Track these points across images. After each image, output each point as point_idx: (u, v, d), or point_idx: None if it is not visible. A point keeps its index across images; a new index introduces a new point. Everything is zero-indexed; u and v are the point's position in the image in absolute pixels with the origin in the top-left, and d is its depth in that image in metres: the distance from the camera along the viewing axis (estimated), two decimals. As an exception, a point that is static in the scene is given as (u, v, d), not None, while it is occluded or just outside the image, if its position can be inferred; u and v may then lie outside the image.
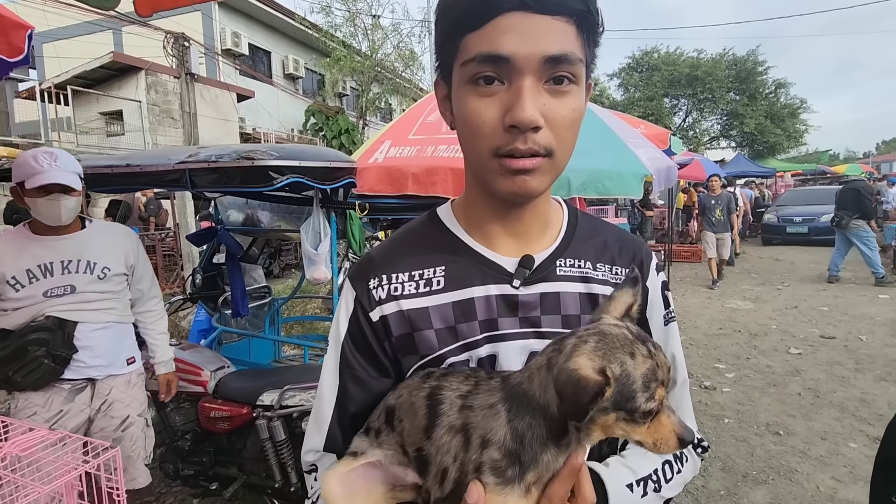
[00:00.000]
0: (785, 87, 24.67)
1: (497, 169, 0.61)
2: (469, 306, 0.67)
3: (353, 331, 0.70)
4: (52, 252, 1.88)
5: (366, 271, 0.71)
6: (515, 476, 0.50)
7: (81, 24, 11.31)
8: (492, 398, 0.53)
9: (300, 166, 2.20)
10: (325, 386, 0.71)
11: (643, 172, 2.88)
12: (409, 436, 0.58)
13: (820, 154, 34.24)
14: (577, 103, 0.60)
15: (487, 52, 0.56)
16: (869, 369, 4.53)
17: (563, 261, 0.71)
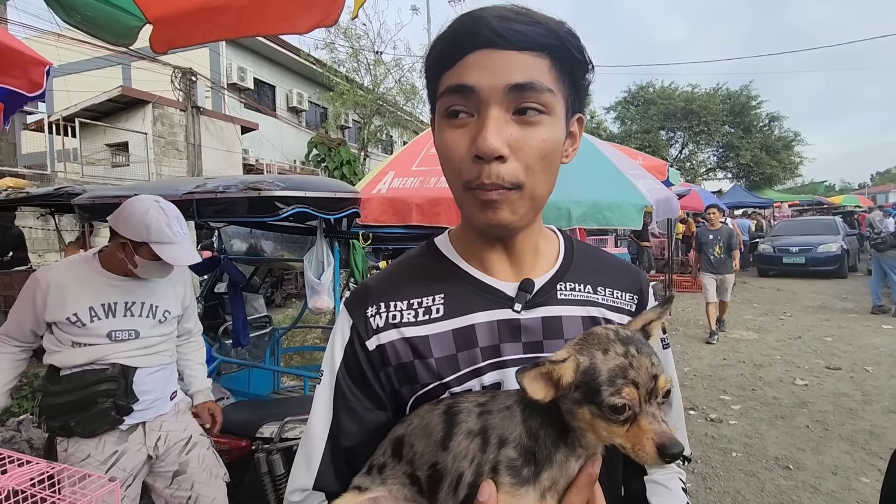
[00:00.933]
0: (778, 121, 25.20)
1: (471, 201, 0.62)
2: (470, 333, 0.65)
3: (348, 360, 0.67)
4: (117, 291, 1.78)
5: (363, 299, 0.70)
6: (530, 476, 0.51)
7: (92, 59, 11.63)
8: (509, 401, 0.55)
9: (305, 196, 2.23)
10: (316, 419, 0.67)
11: (643, 203, 2.92)
12: (421, 457, 0.57)
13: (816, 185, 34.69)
14: (548, 134, 0.60)
15: (455, 84, 0.59)
16: (877, 401, 4.46)
17: (563, 284, 0.70)
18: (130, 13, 1.93)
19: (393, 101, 16.65)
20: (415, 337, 0.65)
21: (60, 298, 1.70)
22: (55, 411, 1.69)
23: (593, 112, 26.11)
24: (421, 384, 0.65)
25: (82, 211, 2.41)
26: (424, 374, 0.64)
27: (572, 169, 3.00)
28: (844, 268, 12.34)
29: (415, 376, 0.65)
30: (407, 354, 0.65)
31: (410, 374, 0.65)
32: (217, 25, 1.96)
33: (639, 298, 0.75)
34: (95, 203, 2.36)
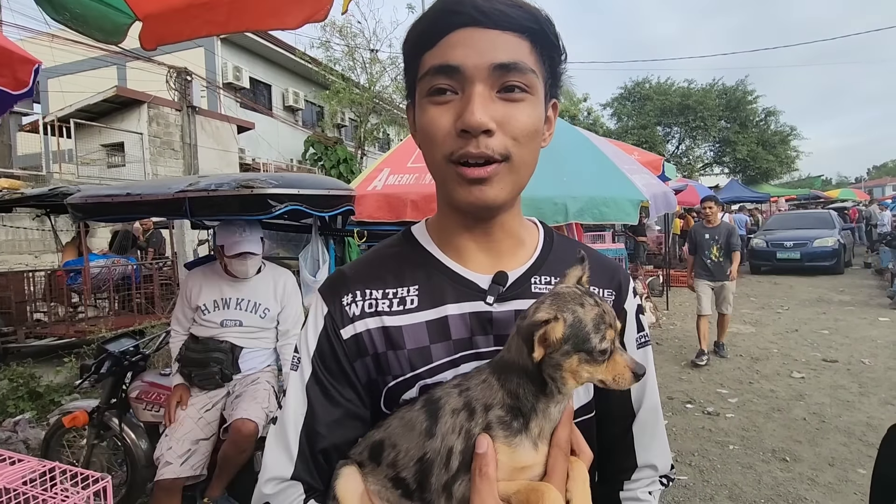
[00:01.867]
0: (775, 115, 25.23)
1: (454, 177, 0.61)
2: (443, 325, 0.65)
3: (322, 348, 0.66)
4: (232, 290, 2.42)
5: (338, 286, 0.69)
6: (521, 427, 0.55)
7: (87, 59, 11.57)
8: (483, 375, 0.58)
9: (299, 194, 2.22)
10: (290, 407, 0.65)
11: (639, 198, 2.92)
12: (406, 454, 0.57)
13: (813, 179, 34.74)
14: (531, 111, 0.61)
15: (439, 64, 0.59)
16: (874, 393, 4.48)
17: (538, 278, 0.69)
18: (120, 10, 1.91)
19: (389, 99, 16.62)
20: (389, 327, 0.65)
21: (197, 293, 2.42)
22: (187, 362, 2.37)
23: (590, 108, 26.12)
24: (393, 375, 0.64)
25: (75, 210, 2.40)
26: (397, 366, 0.64)
27: (569, 164, 3.00)
28: (841, 263, 11.85)
29: (387, 367, 0.65)
30: (381, 344, 0.65)
31: (384, 365, 0.65)
32: (206, 21, 1.95)
33: (615, 294, 0.74)
34: (88, 202, 2.35)
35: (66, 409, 2.75)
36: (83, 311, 6.19)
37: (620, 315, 0.74)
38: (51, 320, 6.08)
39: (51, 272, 6.30)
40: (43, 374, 4.44)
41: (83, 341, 5.23)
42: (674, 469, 0.77)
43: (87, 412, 2.56)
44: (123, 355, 2.56)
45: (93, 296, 6.33)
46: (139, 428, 2.59)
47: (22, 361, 4.79)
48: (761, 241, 12.74)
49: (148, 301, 6.52)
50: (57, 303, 6.18)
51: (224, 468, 2.27)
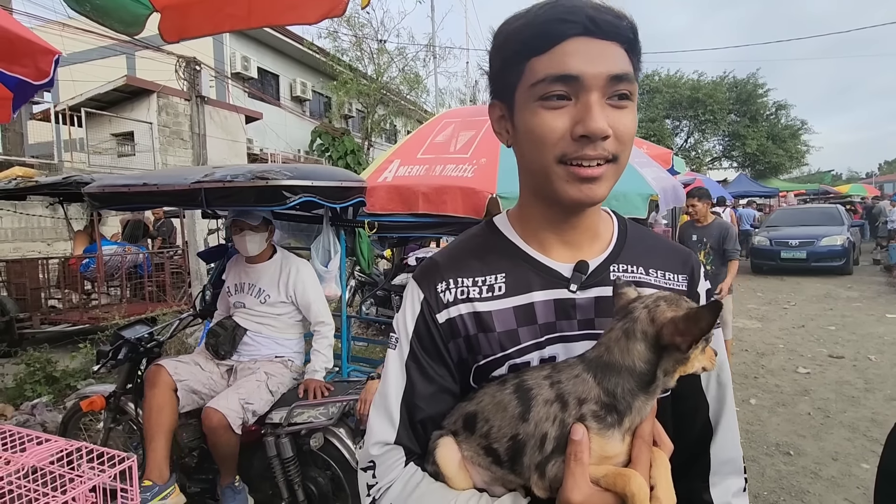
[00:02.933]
0: (785, 109, 24.94)
1: (563, 175, 0.65)
2: (529, 310, 0.71)
3: (420, 330, 0.72)
4: (244, 275, 2.59)
5: (432, 274, 0.74)
6: (615, 422, 0.59)
7: (97, 48, 11.60)
8: (575, 371, 0.62)
9: (312, 186, 2.25)
10: (391, 381, 0.72)
11: (648, 192, 2.93)
12: (499, 430, 0.63)
13: (823, 174, 34.35)
14: (634, 116, 0.66)
15: (558, 73, 0.62)
16: (879, 389, 4.48)
17: (616, 266, 0.75)
18: (139, 1, 1.94)
19: (396, 90, 16.57)
20: (481, 312, 0.71)
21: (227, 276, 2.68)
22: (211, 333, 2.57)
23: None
24: (483, 355, 0.70)
25: (92, 199, 2.44)
26: (487, 346, 0.70)
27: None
28: (850, 263, 11.00)
29: (478, 347, 0.70)
30: (473, 327, 0.71)
31: (475, 345, 0.71)
32: (228, 16, 1.97)
33: (689, 279, 0.79)
34: (105, 191, 2.40)
35: (84, 394, 2.82)
36: (96, 298, 6.29)
37: (695, 298, 0.79)
38: (65, 307, 6.19)
39: (64, 260, 6.39)
40: (58, 360, 4.53)
41: (97, 328, 5.32)
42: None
43: (104, 397, 2.62)
44: (139, 342, 2.61)
45: (105, 283, 6.42)
46: (155, 412, 2.64)
47: (38, 347, 4.89)
48: (764, 238, 11.74)
49: (159, 289, 6.60)
50: (71, 290, 6.28)
51: (214, 455, 2.32)
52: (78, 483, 1.41)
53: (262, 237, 2.50)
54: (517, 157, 0.72)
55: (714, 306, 0.56)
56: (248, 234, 2.46)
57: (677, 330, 0.57)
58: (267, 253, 2.59)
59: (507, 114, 0.70)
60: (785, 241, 11.25)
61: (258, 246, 2.50)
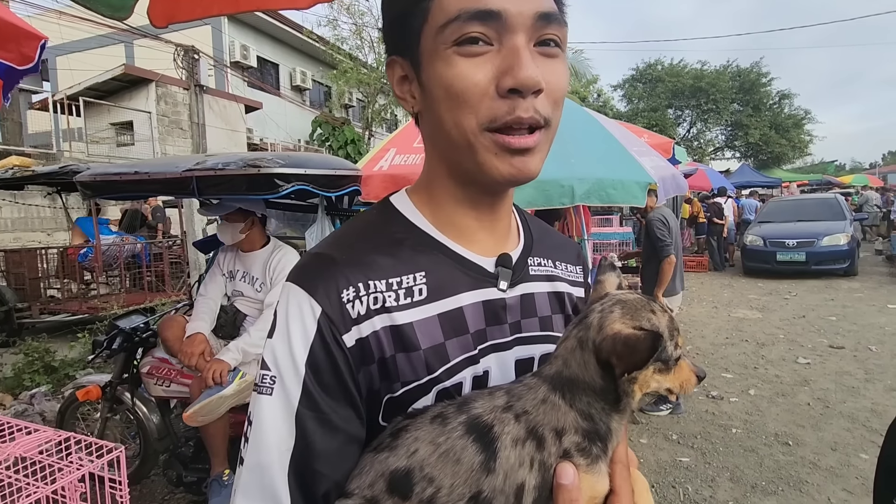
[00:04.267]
0: (789, 98, 24.73)
1: (490, 147, 0.52)
2: (459, 317, 0.56)
3: (318, 361, 0.50)
4: (239, 263, 2.60)
5: (329, 276, 0.53)
6: (601, 452, 0.50)
7: (95, 37, 11.53)
8: (539, 394, 0.50)
9: (306, 174, 2.22)
10: (269, 442, 0.49)
11: (647, 181, 2.89)
12: (451, 491, 0.47)
13: (826, 164, 34.09)
14: (566, 69, 0.55)
15: (475, 8, 0.49)
16: (879, 379, 4.47)
17: (532, 259, 0.65)
18: (126, -15, 1.90)
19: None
20: (400, 325, 0.53)
21: (223, 262, 2.64)
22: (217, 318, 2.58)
23: (600, 90, 25.69)
24: (402, 381, 0.53)
25: (84, 188, 2.42)
26: (409, 371, 0.53)
27: (576, 146, 2.97)
28: (855, 265, 9.46)
29: (396, 373, 0.53)
30: (390, 347, 0.53)
31: (392, 371, 0.53)
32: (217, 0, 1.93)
33: (582, 269, 0.74)
34: (96, 180, 2.37)
35: (80, 384, 2.82)
36: (95, 288, 6.29)
37: (587, 289, 0.73)
38: (64, 297, 6.19)
39: (63, 250, 6.38)
40: (57, 349, 4.54)
41: (95, 318, 5.33)
42: None
43: (100, 387, 2.62)
44: (134, 332, 2.61)
45: (104, 273, 6.42)
46: (150, 402, 2.65)
47: (36, 336, 4.90)
48: (756, 237, 10.03)
49: (158, 279, 6.60)
50: (70, 280, 6.29)
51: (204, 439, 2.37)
52: (66, 473, 1.40)
53: (234, 227, 2.47)
54: (428, 125, 0.58)
55: (652, 338, 0.46)
56: (221, 224, 2.49)
57: (615, 351, 0.47)
58: (258, 241, 2.58)
59: (412, 72, 0.56)
60: (781, 240, 9.60)
61: (230, 236, 2.49)
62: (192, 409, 2.13)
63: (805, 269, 9.43)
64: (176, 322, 2.47)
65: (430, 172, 0.62)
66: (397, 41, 0.57)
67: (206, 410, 2.16)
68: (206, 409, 2.16)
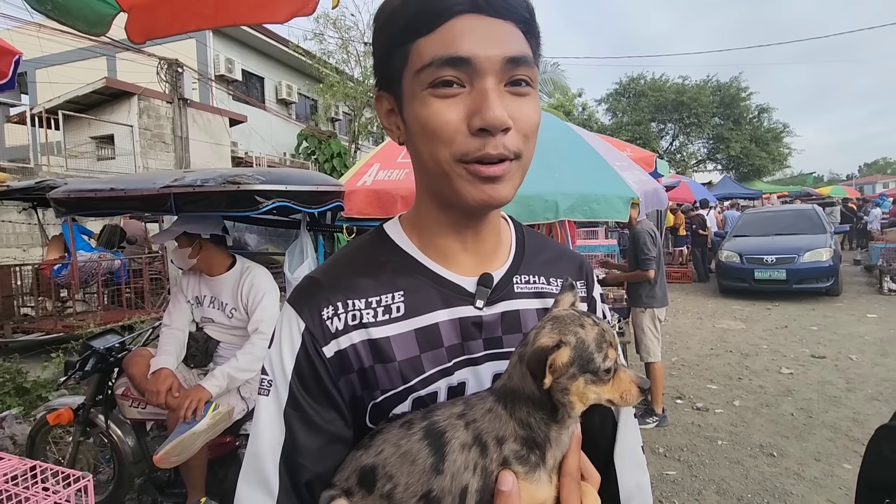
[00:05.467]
0: (768, 112, 25.38)
1: (464, 175, 0.57)
2: (434, 332, 0.62)
3: (302, 369, 0.59)
4: (206, 288, 2.48)
5: (314, 297, 0.62)
6: (539, 460, 0.53)
7: (75, 50, 11.42)
8: (487, 404, 0.56)
9: (286, 190, 2.20)
10: (263, 436, 0.59)
11: (629, 195, 2.91)
12: (407, 489, 0.53)
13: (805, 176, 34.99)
14: (536, 105, 0.59)
15: (446, 55, 0.54)
16: (860, 388, 4.53)
17: (518, 278, 0.69)
18: (103, 0, 1.88)
19: (383, 92, 16.47)
20: (377, 339, 0.60)
21: (186, 287, 2.51)
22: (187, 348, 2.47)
23: (585, 104, 26.13)
24: (381, 389, 0.60)
25: (58, 205, 2.36)
26: (386, 380, 0.60)
27: (560, 161, 2.98)
28: (839, 283, 8.67)
29: (375, 382, 0.60)
30: (368, 358, 0.60)
31: (371, 379, 0.60)
32: (194, 14, 1.92)
33: (586, 284, 0.76)
34: (70, 197, 2.32)
35: (52, 406, 2.73)
36: (71, 305, 6.13)
37: (591, 303, 0.76)
38: (38, 315, 6.02)
39: (38, 266, 6.22)
40: (30, 370, 4.39)
41: (71, 336, 5.18)
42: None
43: (73, 409, 2.53)
44: (109, 352, 2.53)
45: (81, 290, 6.26)
46: (126, 425, 2.56)
47: (8, 357, 4.74)
48: (732, 253, 9.28)
49: (137, 296, 6.46)
50: (45, 297, 6.12)
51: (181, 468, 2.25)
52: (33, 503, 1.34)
53: (182, 253, 2.37)
54: (411, 155, 0.64)
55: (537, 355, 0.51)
56: (175, 249, 2.39)
57: (531, 363, 0.52)
58: (221, 264, 2.45)
59: (396, 106, 0.62)
60: (758, 256, 8.86)
61: (182, 261, 2.39)
62: (164, 450, 1.97)
63: (785, 288, 8.65)
64: (141, 357, 2.34)
65: (418, 199, 0.68)
66: (384, 78, 0.62)
67: (179, 450, 2.00)
68: (179, 449, 2.00)
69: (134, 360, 2.34)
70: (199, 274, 2.48)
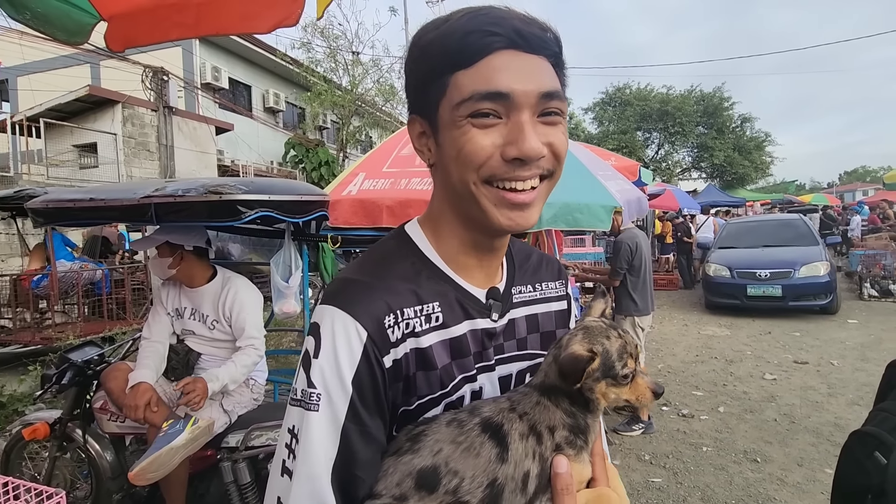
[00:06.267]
0: (750, 122, 25.86)
1: (491, 198, 0.61)
2: (463, 342, 0.66)
3: (362, 381, 0.57)
4: (186, 300, 2.44)
5: (372, 303, 0.61)
6: (584, 444, 0.61)
7: (58, 57, 11.28)
8: (534, 398, 0.62)
9: (269, 200, 2.18)
10: (317, 455, 0.56)
11: (613, 204, 2.94)
12: (473, 481, 0.55)
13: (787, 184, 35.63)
14: (565, 132, 0.64)
15: (486, 91, 0.57)
16: (841, 394, 4.60)
17: (516, 289, 0.75)
18: (83, 10, 1.86)
19: (371, 101, 16.54)
20: (423, 348, 0.63)
21: (166, 299, 2.47)
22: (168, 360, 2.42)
23: (572, 113, 26.42)
24: (419, 396, 0.62)
25: (35, 215, 2.32)
26: (425, 386, 0.63)
27: (542, 170, 3.02)
28: (837, 299, 7.90)
29: (415, 388, 0.62)
30: (414, 366, 0.62)
31: (412, 386, 0.62)
32: (175, 24, 1.91)
33: (564, 282, 0.83)
34: (49, 207, 2.28)
35: (28, 421, 2.66)
36: (50, 317, 6.00)
37: (567, 300, 0.83)
38: (16, 327, 5.88)
39: (16, 277, 6.09)
40: (6, 383, 4.28)
41: (49, 348, 5.06)
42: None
43: (49, 424, 2.47)
44: (87, 364, 2.48)
45: (61, 301, 6.13)
46: (104, 439, 2.51)
47: (-16, 370, 4.62)
48: (721, 266, 8.43)
49: (119, 307, 6.34)
50: (23, 308, 5.98)
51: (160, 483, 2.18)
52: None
53: (162, 262, 2.33)
54: (440, 176, 0.67)
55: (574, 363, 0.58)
56: (153, 259, 2.35)
57: (564, 366, 0.60)
58: (201, 275, 2.42)
59: (430, 130, 0.65)
60: (751, 270, 8.04)
61: (161, 271, 2.36)
62: (139, 466, 1.91)
63: (780, 305, 7.84)
64: (119, 371, 2.30)
65: (440, 211, 0.70)
66: (418, 104, 0.66)
67: (156, 466, 1.92)
68: (156, 465, 1.92)
69: (112, 375, 2.29)
70: (179, 285, 2.44)
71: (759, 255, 8.49)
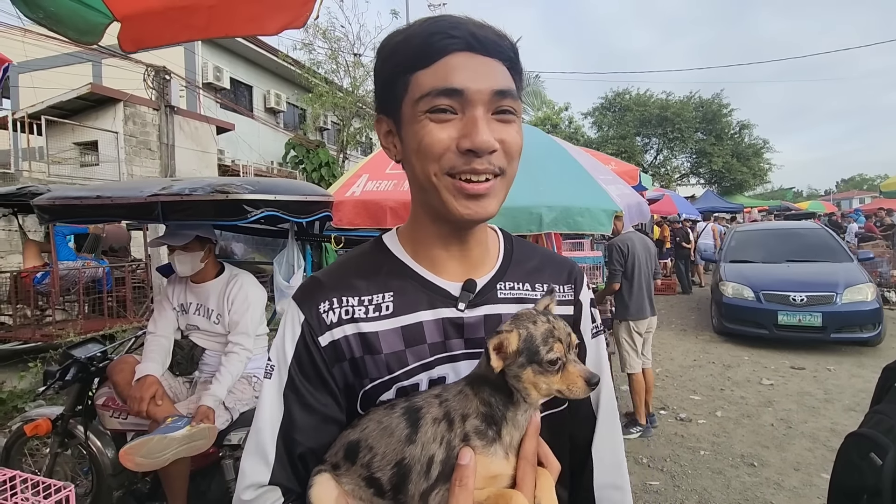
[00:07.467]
0: (748, 128, 26.00)
1: (451, 190, 0.65)
2: (418, 330, 0.70)
3: (300, 355, 0.68)
4: (192, 295, 2.48)
5: (314, 294, 0.71)
6: (495, 436, 0.59)
7: (60, 55, 11.28)
8: (459, 387, 0.63)
9: (275, 200, 2.20)
10: (266, 414, 0.68)
11: (613, 208, 2.97)
12: (383, 458, 0.60)
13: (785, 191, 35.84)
14: (519, 131, 0.68)
15: (443, 87, 0.62)
16: (838, 399, 4.63)
17: (503, 284, 0.76)
18: (97, 10, 1.88)
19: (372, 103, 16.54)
20: (366, 333, 0.68)
21: (172, 295, 2.50)
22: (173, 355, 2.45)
23: (571, 117, 26.52)
24: (370, 378, 0.68)
25: (41, 212, 2.33)
26: (374, 369, 0.68)
27: (544, 174, 3.03)
28: (883, 329, 6.17)
29: (365, 371, 0.68)
30: (358, 349, 0.68)
31: (361, 369, 0.68)
32: (186, 26, 1.93)
33: (573, 288, 0.82)
34: (55, 204, 2.29)
35: (29, 417, 2.67)
36: (50, 314, 6.00)
37: (577, 306, 0.82)
38: (16, 324, 5.88)
39: (16, 273, 6.09)
40: (6, 380, 4.29)
41: (49, 345, 5.07)
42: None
43: (51, 420, 2.49)
44: (90, 361, 2.49)
45: (61, 298, 6.13)
46: (105, 436, 2.52)
47: (-16, 366, 4.62)
48: (741, 286, 6.75)
49: (120, 305, 6.34)
50: (24, 305, 5.97)
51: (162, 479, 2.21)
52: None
53: (194, 257, 2.36)
54: (407, 172, 0.71)
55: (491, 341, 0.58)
56: (178, 255, 2.34)
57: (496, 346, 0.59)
58: (212, 271, 2.46)
59: (395, 128, 0.70)
60: (783, 294, 6.34)
61: (190, 266, 2.37)
62: (129, 445, 1.91)
63: (821, 338, 6.14)
64: (126, 364, 2.33)
65: (413, 214, 0.76)
66: (384, 104, 0.71)
67: (145, 451, 1.90)
68: (146, 450, 1.90)
69: (119, 367, 2.31)
70: (185, 281, 2.48)
71: (787, 272, 6.76)
